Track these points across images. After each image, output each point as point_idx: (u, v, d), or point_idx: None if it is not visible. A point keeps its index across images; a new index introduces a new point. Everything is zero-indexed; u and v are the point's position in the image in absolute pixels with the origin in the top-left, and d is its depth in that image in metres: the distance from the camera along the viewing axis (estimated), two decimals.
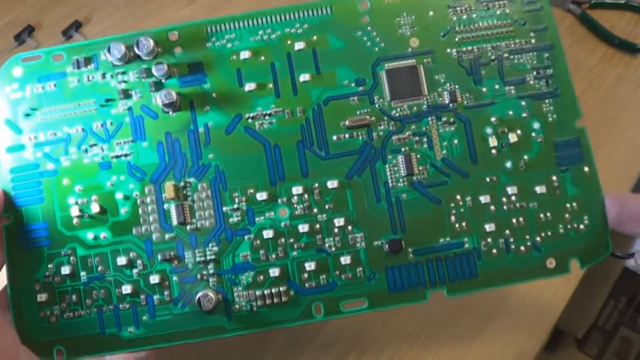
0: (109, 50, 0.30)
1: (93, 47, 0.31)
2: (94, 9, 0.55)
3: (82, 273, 0.30)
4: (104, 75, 0.30)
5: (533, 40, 0.31)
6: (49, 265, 0.30)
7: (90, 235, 0.30)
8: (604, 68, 0.54)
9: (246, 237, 0.30)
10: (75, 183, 0.30)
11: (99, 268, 0.30)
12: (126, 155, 0.30)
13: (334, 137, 0.30)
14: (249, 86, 0.30)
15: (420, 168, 0.30)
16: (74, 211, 0.30)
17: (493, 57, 0.31)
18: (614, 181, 0.47)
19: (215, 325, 0.30)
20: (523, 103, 0.30)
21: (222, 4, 0.55)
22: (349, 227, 0.30)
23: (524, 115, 0.30)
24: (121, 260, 0.30)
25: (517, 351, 0.41)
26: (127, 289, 0.30)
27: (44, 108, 0.30)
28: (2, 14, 0.55)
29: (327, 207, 0.30)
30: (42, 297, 0.29)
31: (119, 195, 0.30)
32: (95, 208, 0.30)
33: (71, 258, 0.30)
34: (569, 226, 0.30)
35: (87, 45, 0.31)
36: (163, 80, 0.30)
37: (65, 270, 0.30)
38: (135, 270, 0.30)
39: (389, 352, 0.40)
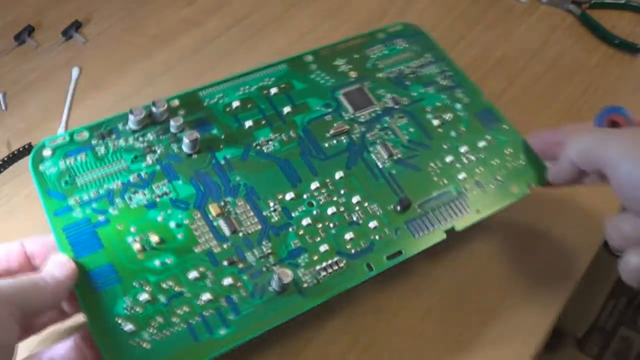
0: (131, 112, 0.38)
1: (111, 121, 0.39)
2: (94, 9, 0.60)
3: (160, 296, 0.34)
4: (127, 140, 0.39)
5: (430, 59, 0.47)
6: (126, 299, 0.34)
7: (157, 263, 0.35)
8: (604, 68, 0.60)
9: (290, 229, 0.38)
10: (129, 226, 0.36)
11: (175, 288, 0.35)
12: (166, 193, 0.38)
13: (325, 145, 0.41)
14: (248, 123, 0.41)
15: (396, 150, 0.42)
16: (136, 246, 0.35)
17: (409, 72, 0.46)
18: None
19: (293, 303, 0.36)
20: (443, 96, 0.45)
21: (222, 4, 0.61)
22: (365, 203, 0.40)
23: (447, 102, 0.45)
24: (193, 274, 0.35)
25: (517, 351, 0.43)
26: (206, 296, 0.35)
27: (81, 174, 0.37)
28: (2, 14, 0.59)
29: (342, 192, 0.40)
30: (129, 327, 0.33)
31: (172, 225, 0.37)
32: (154, 239, 0.36)
33: (146, 287, 0.35)
34: (514, 163, 0.43)
35: (106, 121, 0.39)
36: (177, 134, 0.40)
37: (144, 297, 0.34)
38: (208, 280, 0.35)
39: (389, 352, 0.42)
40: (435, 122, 0.44)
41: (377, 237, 0.39)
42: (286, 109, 0.42)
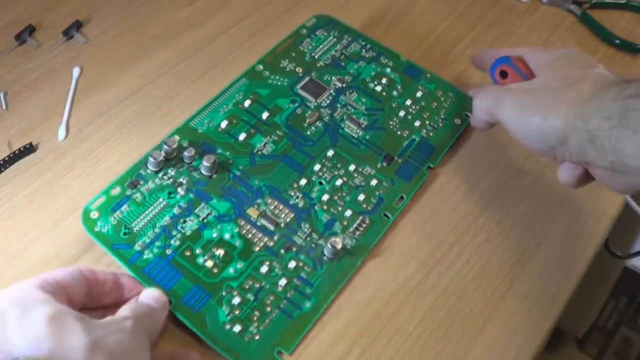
0: (152, 156, 0.43)
1: (134, 169, 0.44)
2: (95, 8, 0.59)
3: (248, 295, 0.40)
4: (154, 182, 0.43)
5: (348, 39, 0.55)
6: (223, 308, 0.39)
7: (231, 271, 0.41)
8: None
9: (316, 207, 0.45)
10: (194, 249, 0.41)
11: (256, 285, 0.41)
12: (209, 214, 0.43)
13: (307, 133, 0.48)
14: (242, 136, 0.47)
15: (360, 120, 0.50)
16: (209, 264, 0.41)
17: (340, 55, 0.54)
18: None
19: (348, 263, 0.43)
20: (373, 65, 0.54)
21: (222, 4, 0.61)
22: (360, 168, 0.47)
23: (379, 70, 0.54)
24: (264, 269, 0.41)
25: (517, 351, 0.44)
26: (282, 282, 0.41)
27: (133, 222, 0.42)
28: (2, 14, 0.58)
29: (338, 165, 0.47)
30: (237, 328, 0.39)
31: (227, 236, 0.42)
32: (220, 252, 0.41)
33: (233, 292, 0.40)
34: (448, 102, 0.53)
35: (129, 171, 0.44)
36: (192, 163, 0.45)
37: (237, 301, 0.40)
38: (277, 269, 0.42)
39: (389, 352, 0.42)
40: (378, 89, 0.52)
41: (380, 191, 0.47)
42: (264, 115, 0.49)
